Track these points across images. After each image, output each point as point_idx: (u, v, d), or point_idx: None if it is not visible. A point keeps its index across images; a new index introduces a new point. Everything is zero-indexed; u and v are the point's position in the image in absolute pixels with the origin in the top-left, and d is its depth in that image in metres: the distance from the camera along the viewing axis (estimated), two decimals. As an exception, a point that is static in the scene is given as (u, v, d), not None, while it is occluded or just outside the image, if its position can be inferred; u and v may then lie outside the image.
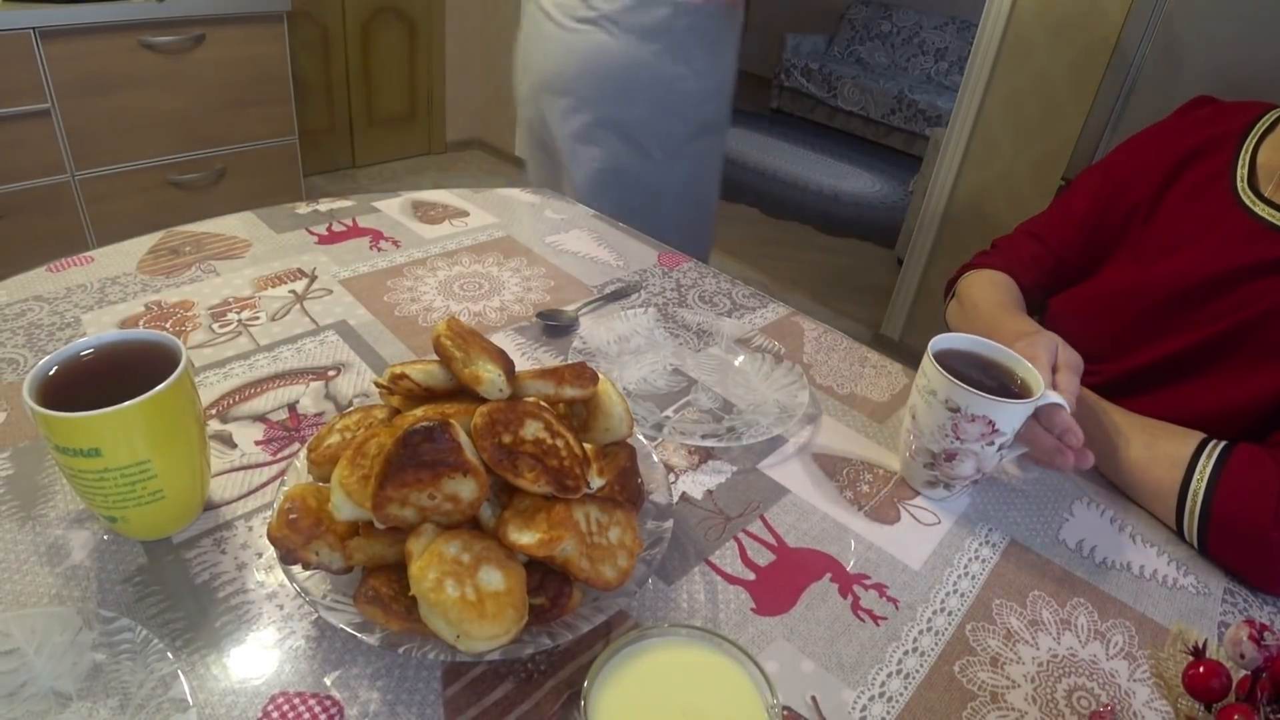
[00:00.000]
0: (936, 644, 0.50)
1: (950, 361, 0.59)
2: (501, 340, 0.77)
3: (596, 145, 1.21)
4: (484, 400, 0.46)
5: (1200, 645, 0.49)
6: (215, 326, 0.74)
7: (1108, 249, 0.84)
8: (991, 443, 0.57)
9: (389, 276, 0.86)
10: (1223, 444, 0.61)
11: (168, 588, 0.48)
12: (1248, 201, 0.72)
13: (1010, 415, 0.56)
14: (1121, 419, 0.67)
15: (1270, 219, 0.70)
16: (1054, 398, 0.57)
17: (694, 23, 1.13)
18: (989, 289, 0.87)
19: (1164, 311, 0.75)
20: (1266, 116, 0.77)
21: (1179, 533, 0.62)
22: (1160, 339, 0.75)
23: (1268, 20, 1.03)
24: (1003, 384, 0.59)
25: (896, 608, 0.53)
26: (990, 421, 0.56)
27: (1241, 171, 0.74)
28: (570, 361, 0.63)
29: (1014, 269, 0.91)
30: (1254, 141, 0.75)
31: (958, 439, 0.58)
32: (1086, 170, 0.91)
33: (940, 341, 0.61)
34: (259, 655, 0.44)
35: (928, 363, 0.59)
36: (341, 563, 0.43)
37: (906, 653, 0.49)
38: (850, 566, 0.56)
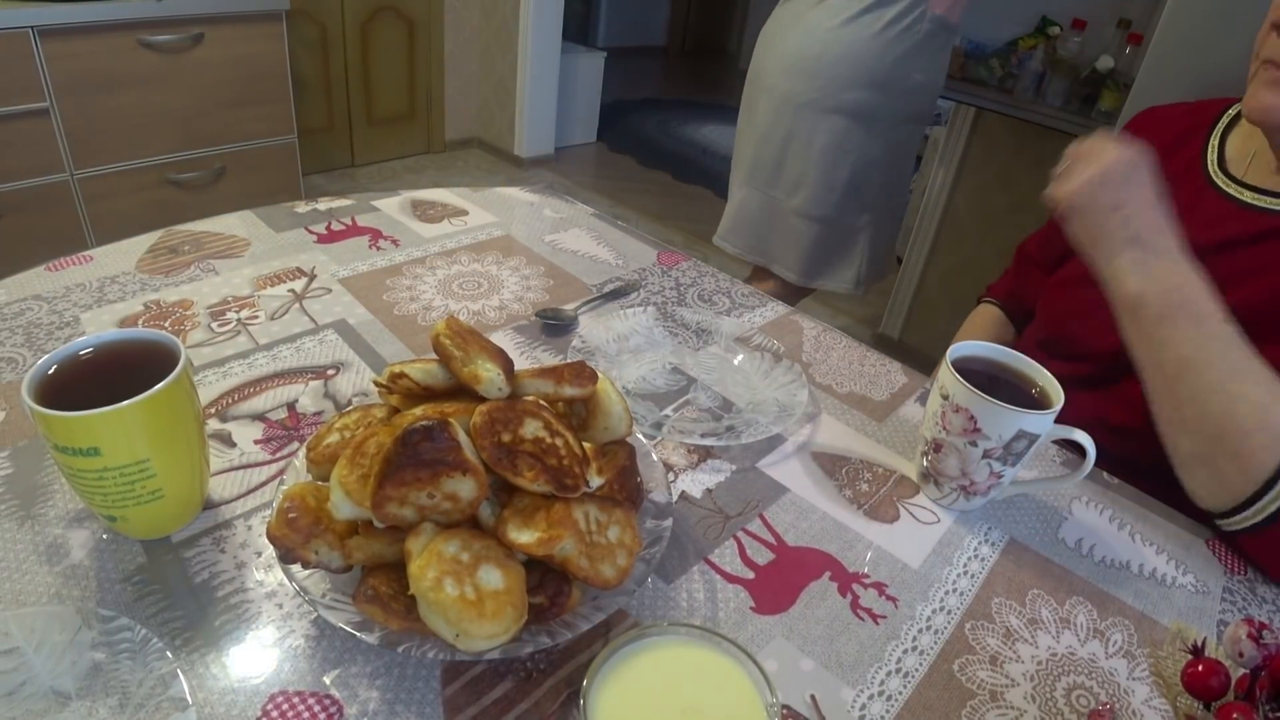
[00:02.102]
0: (936, 642, 0.50)
1: (975, 366, 0.59)
2: (500, 339, 0.77)
3: (839, 116, 1.47)
4: (483, 399, 0.46)
5: (1199, 644, 0.49)
6: (214, 325, 0.74)
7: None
8: (974, 443, 0.56)
9: (388, 275, 0.86)
10: None
11: (167, 587, 0.48)
12: (1220, 183, 0.75)
13: (993, 417, 0.55)
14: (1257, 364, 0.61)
15: (1241, 197, 0.74)
16: (1078, 435, 0.56)
17: (932, 30, 1.40)
18: (977, 334, 0.94)
19: None
20: (1230, 110, 0.80)
21: (1216, 511, 0.60)
22: None
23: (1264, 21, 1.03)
24: (1024, 396, 0.58)
25: (896, 606, 0.53)
26: (972, 417, 0.55)
27: (1212, 157, 0.78)
28: (569, 360, 0.63)
29: (1022, 293, 0.98)
30: (1221, 131, 0.79)
31: (944, 429, 0.58)
32: None
33: (969, 348, 0.61)
34: (258, 654, 0.44)
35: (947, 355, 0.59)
36: (340, 562, 0.43)
37: (906, 651, 0.50)
38: (861, 569, 0.56)
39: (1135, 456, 0.71)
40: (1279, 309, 0.63)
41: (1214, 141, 0.78)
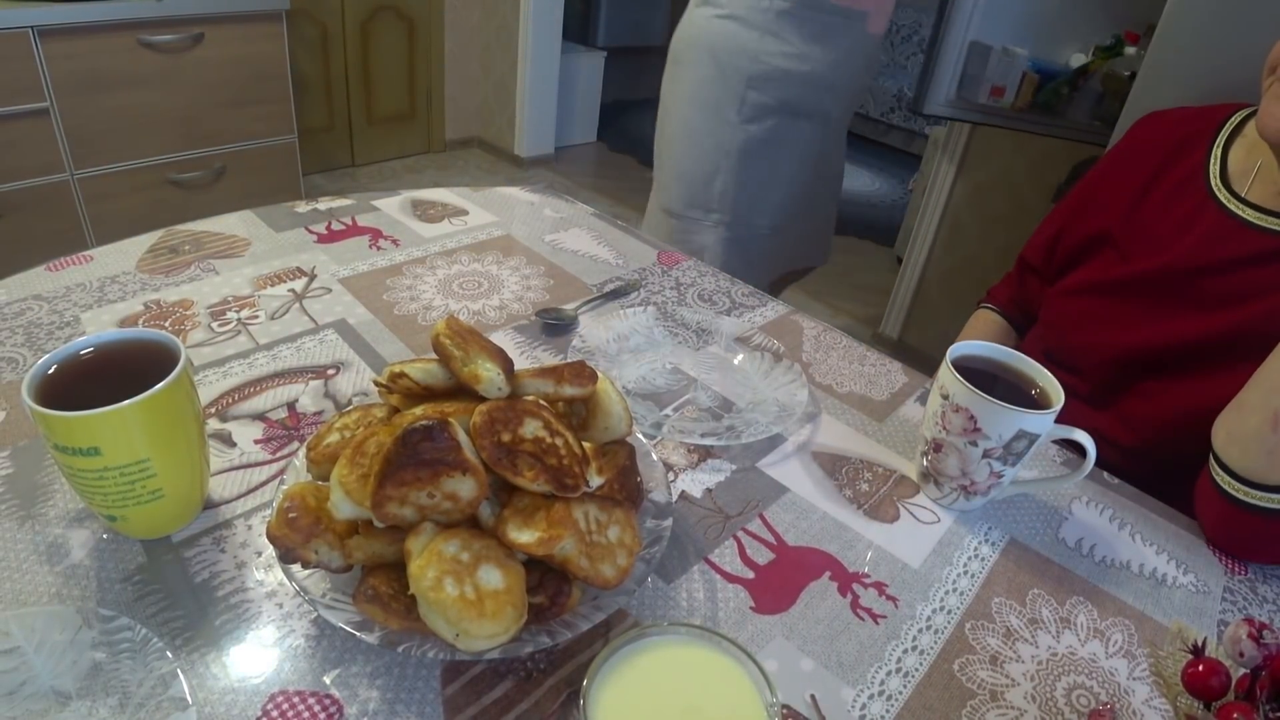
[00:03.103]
0: (936, 642, 0.50)
1: (975, 365, 0.60)
2: (501, 339, 0.77)
3: (683, 103, 1.38)
4: (483, 399, 0.46)
5: (1199, 643, 0.49)
6: (214, 325, 0.74)
7: (1085, 258, 0.87)
8: (974, 443, 0.56)
9: (388, 275, 0.86)
10: None
11: (167, 586, 0.48)
12: (1223, 199, 0.75)
13: (993, 417, 0.55)
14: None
15: (1243, 215, 0.73)
16: (1078, 435, 0.57)
17: (791, 9, 1.25)
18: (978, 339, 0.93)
19: (1150, 306, 0.77)
20: (1234, 117, 0.79)
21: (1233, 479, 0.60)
22: (1147, 334, 0.77)
23: (1264, 22, 1.03)
24: (1024, 396, 0.58)
25: (896, 606, 0.53)
26: (972, 417, 0.55)
27: (1214, 168, 0.77)
28: (569, 360, 0.63)
29: (1025, 300, 0.98)
30: (1224, 140, 0.78)
31: (944, 429, 0.58)
32: (1069, 194, 0.95)
33: (969, 348, 0.61)
34: (258, 654, 0.44)
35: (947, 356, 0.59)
36: (341, 561, 0.43)
37: (906, 651, 0.49)
38: (861, 569, 0.56)
39: (1136, 471, 0.71)
40: (1274, 332, 0.63)
41: (1216, 152, 0.78)
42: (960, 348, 0.60)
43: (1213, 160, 0.77)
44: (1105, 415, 0.81)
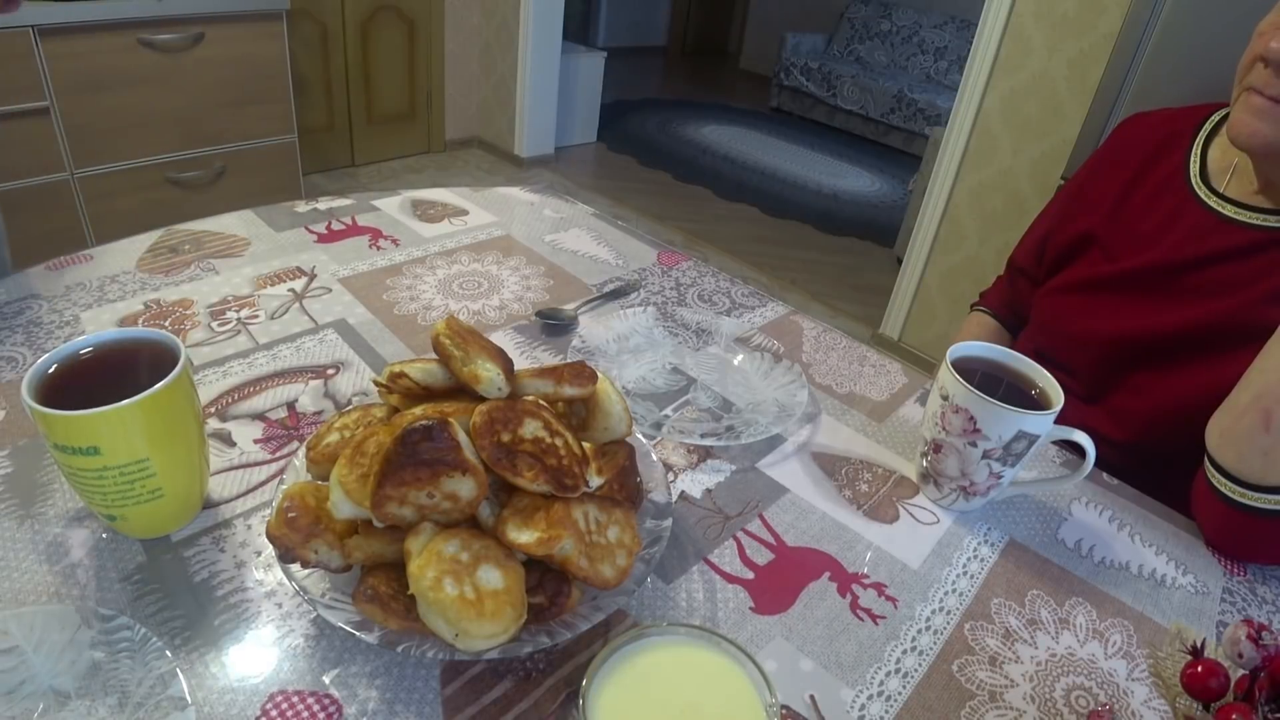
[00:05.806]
0: (935, 643, 0.50)
1: (974, 366, 0.60)
2: (500, 339, 0.77)
3: None
4: (483, 399, 0.46)
5: (1199, 644, 0.49)
6: (214, 325, 0.74)
7: (1072, 258, 0.88)
8: (974, 444, 0.56)
9: (388, 275, 0.86)
10: None
11: (166, 586, 0.48)
12: (1203, 196, 0.76)
13: (993, 417, 0.55)
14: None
15: (1223, 211, 0.74)
16: (1077, 435, 0.57)
17: None
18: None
19: (1137, 301, 0.78)
20: (1213, 116, 0.81)
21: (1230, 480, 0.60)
22: (1134, 327, 0.77)
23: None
24: (1023, 396, 0.58)
25: (895, 607, 0.53)
26: (971, 418, 0.55)
27: (1194, 167, 0.79)
28: (569, 360, 0.63)
29: (1016, 302, 0.99)
30: (1203, 139, 0.80)
31: (944, 430, 0.58)
32: (1055, 197, 0.96)
33: (968, 349, 0.61)
34: (258, 653, 0.44)
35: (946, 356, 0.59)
36: (340, 561, 0.43)
37: (905, 652, 0.50)
38: (860, 570, 0.56)
39: (1129, 466, 0.72)
40: (1256, 322, 0.64)
41: (1196, 151, 0.79)
42: (960, 348, 0.61)
43: (1192, 159, 0.79)
44: (1096, 411, 0.81)
